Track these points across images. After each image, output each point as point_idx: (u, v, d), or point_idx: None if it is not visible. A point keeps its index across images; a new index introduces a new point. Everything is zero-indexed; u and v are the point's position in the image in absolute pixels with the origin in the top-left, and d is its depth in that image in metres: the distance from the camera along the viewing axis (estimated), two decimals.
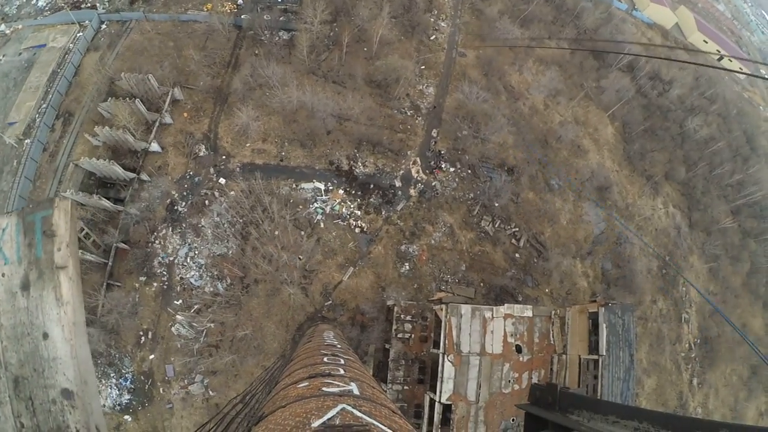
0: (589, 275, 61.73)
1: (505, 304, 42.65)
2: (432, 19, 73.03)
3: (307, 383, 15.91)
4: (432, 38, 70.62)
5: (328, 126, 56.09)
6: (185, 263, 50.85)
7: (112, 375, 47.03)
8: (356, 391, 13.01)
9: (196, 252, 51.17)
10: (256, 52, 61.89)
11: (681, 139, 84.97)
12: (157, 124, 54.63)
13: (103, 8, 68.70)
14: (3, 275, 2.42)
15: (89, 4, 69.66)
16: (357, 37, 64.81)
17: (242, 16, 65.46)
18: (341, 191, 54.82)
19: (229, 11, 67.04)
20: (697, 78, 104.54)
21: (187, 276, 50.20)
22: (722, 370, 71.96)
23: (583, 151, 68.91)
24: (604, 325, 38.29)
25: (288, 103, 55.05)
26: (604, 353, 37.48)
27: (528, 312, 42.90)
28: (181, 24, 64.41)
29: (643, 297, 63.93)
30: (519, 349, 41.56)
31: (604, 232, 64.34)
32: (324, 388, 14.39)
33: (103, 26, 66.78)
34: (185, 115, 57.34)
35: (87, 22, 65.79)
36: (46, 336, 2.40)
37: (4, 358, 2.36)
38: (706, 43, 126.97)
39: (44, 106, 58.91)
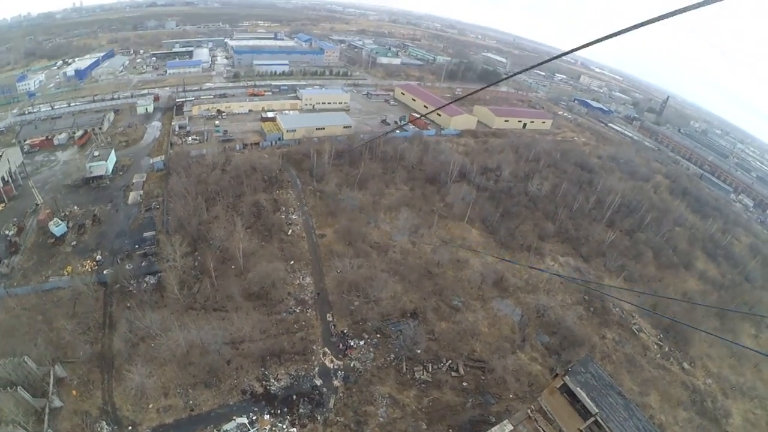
0: (537, 358, 62.47)
1: None
2: (283, 216, 79.61)
3: None
4: (290, 233, 76.01)
5: (225, 356, 54.14)
6: None
7: None
8: None
9: None
10: (128, 304, 59.64)
11: (533, 203, 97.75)
12: (47, 411, 47.89)
13: None
14: None
15: None
16: (221, 259, 67.02)
17: (104, 272, 64.46)
18: (267, 416, 51.17)
19: (90, 269, 65.77)
20: (516, 150, 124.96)
21: None
22: (698, 338, 74.73)
23: (464, 262, 75.05)
24: (579, 388, 38.52)
25: (177, 347, 52.62)
26: (596, 410, 36.86)
27: (508, 427, 41.64)
28: (45, 294, 60.95)
29: (591, 341, 65.83)
30: None
31: (523, 315, 67.52)
32: None
33: None
34: (74, 393, 50.99)
35: None
36: None
37: None
38: (507, 121, 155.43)
39: None
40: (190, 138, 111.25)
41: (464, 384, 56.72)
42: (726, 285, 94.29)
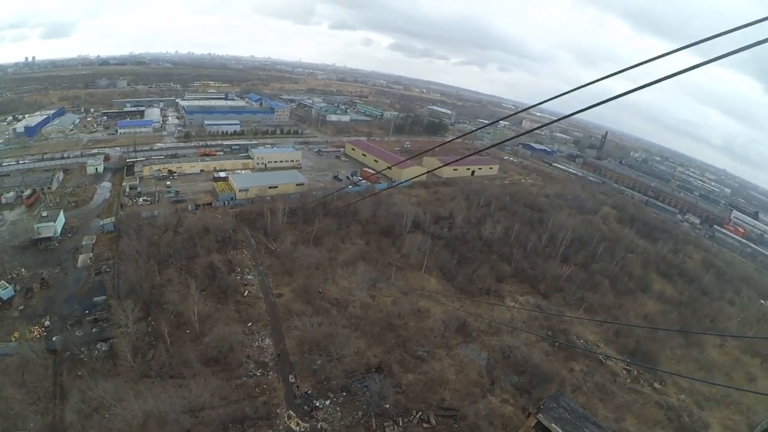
0: (508, 399, 61.77)
1: None
2: (239, 277, 77.86)
3: None
4: (246, 294, 74.15)
5: (184, 426, 49.61)
6: None
7: None
8: None
9: None
10: (80, 373, 55.17)
11: (488, 247, 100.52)
12: None
13: None
14: None
15: None
16: (176, 323, 64.08)
17: (54, 338, 60.14)
18: None
19: (38, 335, 61.28)
20: (467, 197, 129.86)
21: None
22: (665, 355, 77.09)
23: (425, 312, 75.29)
24: (553, 424, 38.54)
25: (132, 418, 47.93)
26: None
27: None
28: None
29: (560, 375, 66.02)
30: None
31: (489, 357, 67.42)
32: None
33: None
34: None
35: None
36: None
37: None
38: (456, 170, 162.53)
39: None
40: (141, 199, 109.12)
41: None
42: (684, 302, 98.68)
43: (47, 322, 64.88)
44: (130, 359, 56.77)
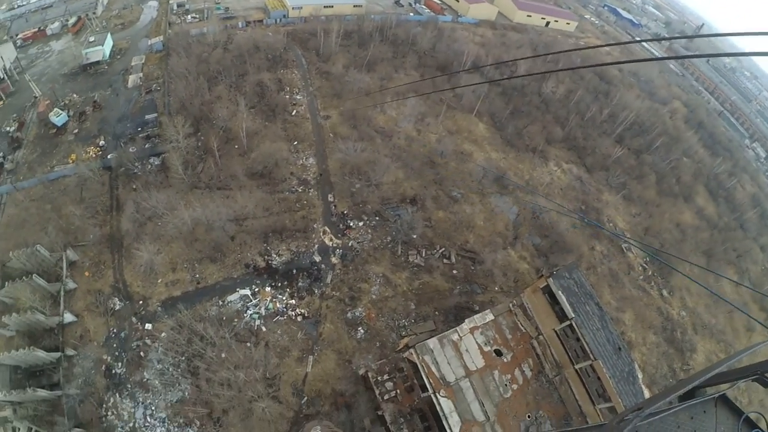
0: (525, 257, 64.53)
1: (466, 320, 42.96)
2: (287, 96, 76.51)
3: None
4: (294, 113, 73.69)
5: (229, 232, 55.82)
6: (147, 423, 46.77)
7: None
8: None
9: (153, 408, 47.50)
10: (134, 186, 60.91)
11: (545, 105, 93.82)
12: (62, 293, 51.35)
13: None
14: None
15: None
16: (225, 138, 66.03)
17: (108, 157, 64.80)
18: (268, 288, 54.19)
19: (94, 155, 66.12)
20: (534, 48, 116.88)
21: None
22: (681, 269, 76.25)
23: (467, 155, 73.75)
24: (560, 292, 39.83)
25: (182, 225, 54.24)
26: (573, 315, 38.74)
27: (489, 316, 43.57)
28: (51, 183, 62.32)
29: (580, 250, 67.57)
30: (499, 353, 41.89)
31: (519, 214, 68.27)
32: None
33: None
34: (87, 274, 54.44)
35: None
36: None
37: None
38: (530, 17, 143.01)
39: None
40: (189, 16, 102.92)
41: (454, 272, 59.12)
42: (720, 226, 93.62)
43: (101, 142, 67.87)
44: (180, 172, 59.69)
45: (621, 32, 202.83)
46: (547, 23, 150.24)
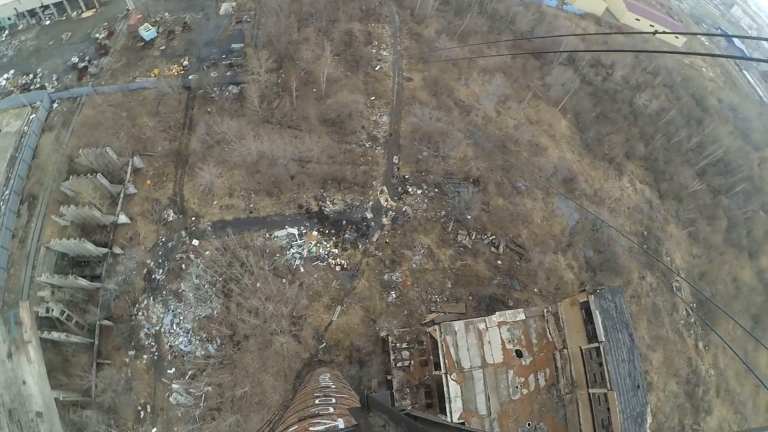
0: (573, 266, 62.15)
1: (497, 313, 42.45)
2: (374, 51, 75.31)
3: (296, 426, 15.97)
4: (377, 68, 72.55)
5: (290, 171, 56.57)
6: (172, 330, 50.00)
7: None
8: (342, 425, 13.25)
9: (181, 317, 50.44)
10: (209, 109, 62.80)
11: (633, 117, 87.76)
12: (121, 195, 54.65)
13: (53, 87, 69.03)
14: None
15: (38, 86, 69.99)
16: (304, 80, 66.14)
17: (190, 77, 66.64)
18: (315, 233, 54.90)
19: (176, 74, 68.26)
20: (636, 56, 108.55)
21: (176, 343, 49.31)
22: (724, 327, 71.63)
23: (542, 149, 70.48)
24: (597, 312, 38.56)
25: (248, 155, 55.59)
26: (603, 339, 37.50)
27: (520, 315, 42.72)
28: (131, 93, 65.38)
29: (630, 276, 64.36)
30: (519, 354, 41.30)
31: (579, 222, 65.36)
32: (311, 428, 14.51)
33: (55, 105, 67.08)
34: (148, 182, 57.59)
35: (38, 103, 65.96)
36: (24, 382, 3.56)
37: (1, 399, 3.50)
38: (638, 20, 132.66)
39: (7, 192, 58.41)
40: None
41: (498, 262, 57.81)
42: None
43: (185, 62, 69.63)
44: (256, 105, 60.53)
45: (731, 64, 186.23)
46: (655, 32, 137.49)
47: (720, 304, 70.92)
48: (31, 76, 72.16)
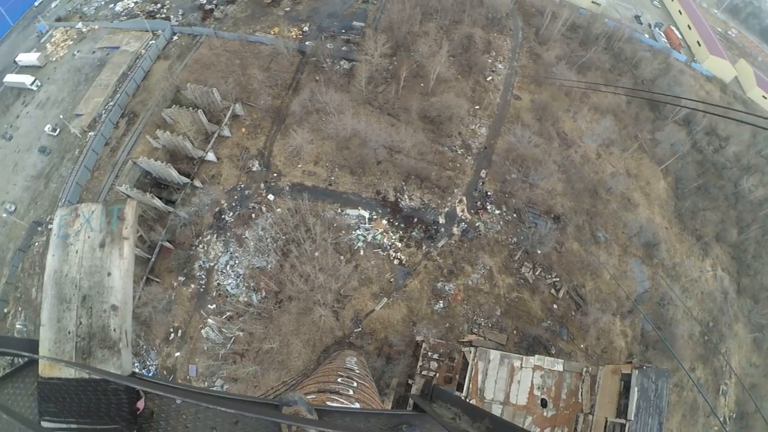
0: (628, 335, 59.06)
1: (536, 356, 40.78)
2: (489, 61, 73.89)
3: (314, 396, 15.91)
4: (488, 79, 71.23)
5: (378, 156, 56.84)
6: (224, 270, 52.10)
7: (136, 364, 47.53)
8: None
9: (237, 261, 52.37)
10: (317, 78, 64.26)
11: (735, 199, 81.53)
12: (215, 135, 57.08)
13: (177, 21, 72.91)
14: (89, 237, 3.55)
15: (163, 16, 73.95)
16: (415, 72, 66.15)
17: (307, 43, 68.29)
18: (384, 221, 55.04)
19: (294, 36, 70.24)
20: (754, 135, 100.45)
21: (225, 283, 51.40)
22: None
23: (633, 205, 66.85)
24: (636, 389, 36.13)
25: (342, 130, 56.29)
26: (633, 418, 35.17)
27: (559, 366, 41.06)
28: (248, 44, 67.95)
29: (682, 362, 60.50)
30: (544, 403, 39.74)
31: (647, 291, 61.87)
32: (328, 402, 14.30)
33: (175, 37, 70.90)
34: (243, 130, 59.88)
35: (160, 31, 70.03)
36: (109, 274, 3.47)
37: (80, 283, 3.41)
38: (766, 98, 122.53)
39: (111, 103, 62.82)
40: None
41: (554, 306, 55.78)
42: None
43: (305, 28, 71.50)
44: (362, 84, 61.11)
45: None
46: None
47: (760, 423, 65.58)
48: (158, 5, 76.66)
